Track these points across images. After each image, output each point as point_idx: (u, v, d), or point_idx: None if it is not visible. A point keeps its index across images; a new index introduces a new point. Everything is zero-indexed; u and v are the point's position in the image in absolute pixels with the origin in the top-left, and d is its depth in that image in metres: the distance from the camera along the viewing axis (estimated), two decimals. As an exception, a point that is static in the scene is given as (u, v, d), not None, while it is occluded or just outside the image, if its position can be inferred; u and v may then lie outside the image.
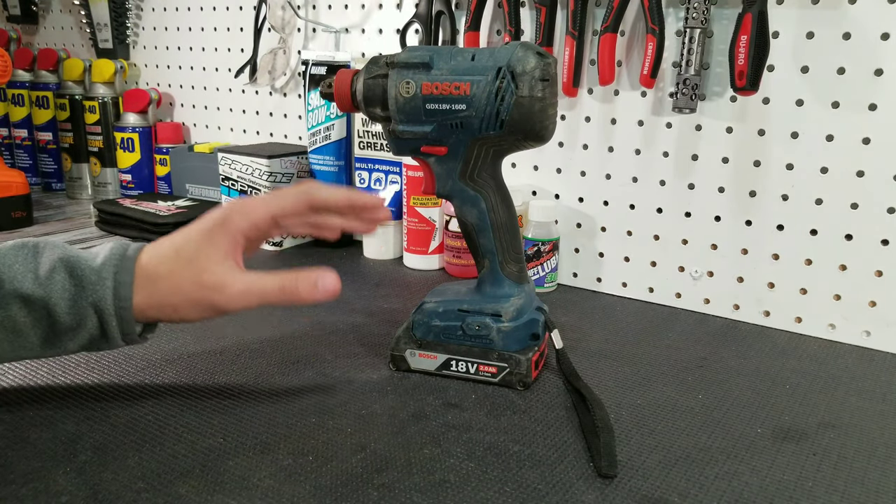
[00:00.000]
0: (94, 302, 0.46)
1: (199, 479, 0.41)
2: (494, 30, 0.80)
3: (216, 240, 0.47)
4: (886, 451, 0.46)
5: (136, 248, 0.48)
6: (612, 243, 0.77)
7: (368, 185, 0.89)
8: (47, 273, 0.45)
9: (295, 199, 0.50)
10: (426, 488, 0.41)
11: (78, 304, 0.46)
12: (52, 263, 0.46)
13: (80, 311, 0.46)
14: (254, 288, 0.47)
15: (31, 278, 0.45)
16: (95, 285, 0.46)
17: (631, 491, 0.41)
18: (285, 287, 0.47)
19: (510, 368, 0.53)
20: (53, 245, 0.48)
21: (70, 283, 0.46)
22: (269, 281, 0.47)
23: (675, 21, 0.68)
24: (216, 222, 0.48)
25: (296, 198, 0.50)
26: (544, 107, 0.50)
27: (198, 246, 0.47)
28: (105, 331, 0.46)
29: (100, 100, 1.13)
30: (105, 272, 0.46)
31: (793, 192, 0.65)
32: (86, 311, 0.46)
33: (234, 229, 0.48)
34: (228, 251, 0.47)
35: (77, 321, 0.46)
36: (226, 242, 0.47)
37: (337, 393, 0.52)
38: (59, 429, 0.46)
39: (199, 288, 0.46)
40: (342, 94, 0.54)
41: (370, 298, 0.74)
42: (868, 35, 0.59)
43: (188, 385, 0.53)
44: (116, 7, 1.15)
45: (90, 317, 0.46)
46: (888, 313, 0.62)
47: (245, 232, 0.48)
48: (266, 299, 0.47)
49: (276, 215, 0.49)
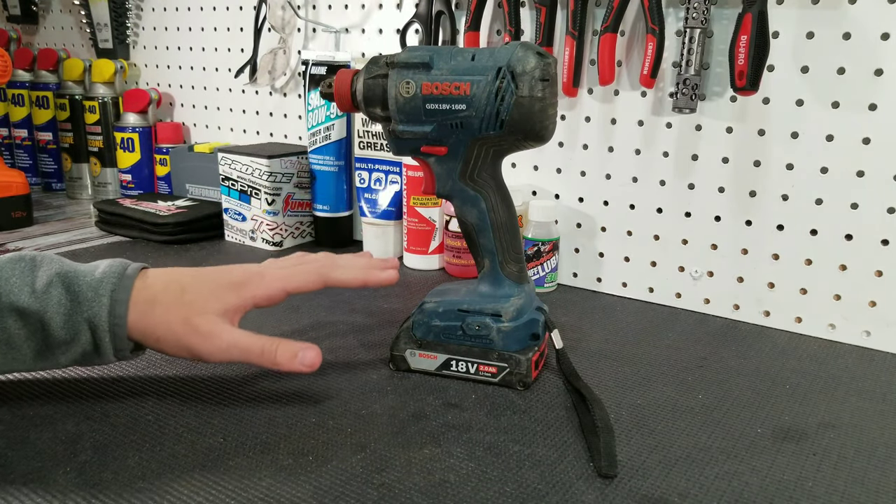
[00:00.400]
0: (89, 318, 0.46)
1: (199, 479, 0.41)
2: (494, 30, 0.80)
3: (224, 297, 0.49)
4: (886, 451, 0.46)
5: (137, 268, 0.49)
6: (612, 243, 0.77)
7: (368, 184, 0.90)
8: (44, 287, 0.46)
9: (313, 281, 0.52)
10: (426, 488, 0.41)
11: (73, 319, 0.46)
12: (50, 278, 0.46)
13: (74, 325, 0.46)
14: (238, 344, 0.48)
15: (27, 292, 0.45)
16: (91, 301, 0.46)
17: (631, 491, 0.41)
18: (266, 350, 0.48)
19: (510, 368, 0.53)
20: (51, 259, 0.48)
21: (66, 298, 0.46)
22: (253, 341, 0.48)
23: (675, 21, 0.68)
24: (233, 283, 0.50)
25: (315, 279, 0.52)
26: (544, 107, 0.50)
27: (204, 294, 0.49)
28: (98, 346, 0.47)
29: (100, 100, 1.13)
30: (102, 289, 0.46)
31: (793, 192, 0.65)
32: (80, 326, 0.46)
33: (247, 296, 0.50)
34: (229, 310, 0.49)
35: (71, 336, 0.46)
36: (232, 303, 0.49)
37: (337, 393, 0.52)
38: (59, 429, 0.46)
39: (188, 330, 0.47)
40: (342, 94, 0.54)
41: (370, 298, 0.74)
42: (868, 35, 0.59)
43: (188, 385, 0.53)
44: (116, 7, 1.15)
45: (84, 332, 0.46)
46: (888, 313, 0.62)
47: (257, 301, 0.50)
48: (247, 357, 0.48)
49: (290, 292, 0.51)
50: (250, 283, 0.50)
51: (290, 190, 0.91)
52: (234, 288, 0.50)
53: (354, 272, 0.54)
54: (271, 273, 0.52)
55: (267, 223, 0.90)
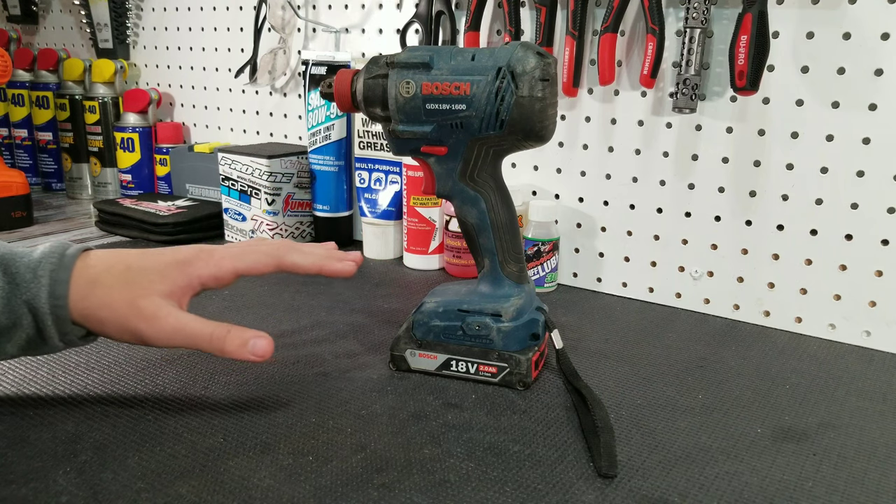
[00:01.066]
0: (28, 300, 0.44)
1: (199, 479, 0.41)
2: (494, 30, 0.80)
3: (170, 276, 0.47)
4: (886, 451, 0.46)
5: (78, 248, 0.47)
6: (612, 243, 0.77)
7: (368, 184, 0.89)
8: None
9: (265, 263, 0.49)
10: (426, 488, 0.41)
11: (12, 303, 0.44)
12: None
13: (14, 310, 0.44)
14: (185, 329, 0.45)
15: None
16: (30, 283, 0.44)
17: (631, 491, 0.41)
18: (214, 336, 0.45)
19: (510, 368, 0.53)
20: None
21: (3, 281, 0.44)
22: (201, 326, 0.45)
23: (675, 21, 0.68)
24: (179, 261, 0.47)
25: (266, 262, 0.49)
26: (544, 107, 0.50)
27: (149, 273, 0.46)
28: (41, 330, 0.45)
29: (100, 100, 1.13)
30: (41, 269, 0.45)
31: (793, 192, 0.65)
32: (20, 309, 0.44)
33: (193, 274, 0.47)
34: (175, 291, 0.46)
35: (12, 321, 0.45)
36: (179, 282, 0.47)
37: (337, 393, 0.52)
38: (59, 429, 0.46)
39: (132, 312, 0.45)
40: (342, 94, 0.54)
41: (370, 298, 0.74)
42: (868, 35, 0.59)
43: (188, 385, 0.53)
44: (116, 7, 1.15)
45: (25, 315, 0.45)
46: (888, 313, 0.62)
47: (204, 280, 0.48)
48: (194, 343, 0.45)
49: (241, 273, 0.49)
50: (197, 261, 0.47)
51: (290, 190, 0.91)
52: (181, 266, 0.47)
53: (311, 258, 0.51)
54: (221, 251, 0.49)
55: (267, 223, 0.91)
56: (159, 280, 0.46)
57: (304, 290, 0.75)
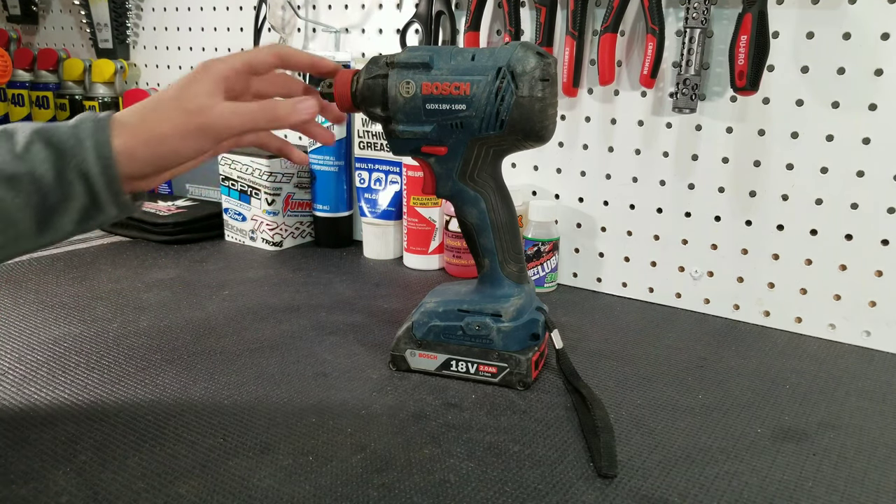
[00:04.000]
0: (77, 165, 0.45)
1: (199, 479, 0.41)
2: (494, 30, 0.80)
3: (200, 79, 0.48)
4: (886, 451, 0.46)
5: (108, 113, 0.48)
6: (612, 243, 0.77)
7: (368, 184, 0.89)
8: (24, 147, 0.44)
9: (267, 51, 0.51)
10: (426, 488, 0.41)
11: (62, 172, 0.44)
12: (28, 137, 0.45)
13: (65, 178, 0.45)
14: (240, 108, 0.48)
15: (9, 158, 0.44)
16: (75, 148, 0.45)
17: (631, 491, 0.41)
18: (266, 107, 0.49)
19: (510, 368, 0.53)
20: (24, 124, 0.47)
21: (50, 152, 0.44)
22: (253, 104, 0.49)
23: (675, 21, 0.68)
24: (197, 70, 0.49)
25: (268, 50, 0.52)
26: (544, 107, 0.50)
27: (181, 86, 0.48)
28: (94, 195, 0.45)
29: (100, 100, 1.13)
30: (83, 133, 0.45)
31: (793, 192, 0.65)
32: (72, 176, 0.45)
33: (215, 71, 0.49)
34: (213, 89, 0.48)
35: (65, 191, 0.45)
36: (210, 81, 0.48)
37: (337, 393, 0.52)
38: (59, 429, 0.46)
39: (186, 114, 0.47)
40: (342, 94, 0.54)
41: (370, 298, 0.74)
42: (868, 35, 0.59)
43: (188, 385, 0.53)
44: (116, 7, 1.15)
45: (76, 182, 0.45)
46: (888, 313, 0.62)
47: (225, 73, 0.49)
48: (253, 118, 0.48)
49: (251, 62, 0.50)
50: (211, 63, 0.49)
51: (290, 190, 0.91)
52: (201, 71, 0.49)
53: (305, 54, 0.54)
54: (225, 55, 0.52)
55: (267, 223, 0.91)
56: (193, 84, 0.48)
57: (304, 291, 0.75)
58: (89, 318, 0.65)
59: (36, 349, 0.59)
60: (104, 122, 0.46)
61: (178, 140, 0.47)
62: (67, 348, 0.59)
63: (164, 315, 0.67)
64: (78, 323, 0.64)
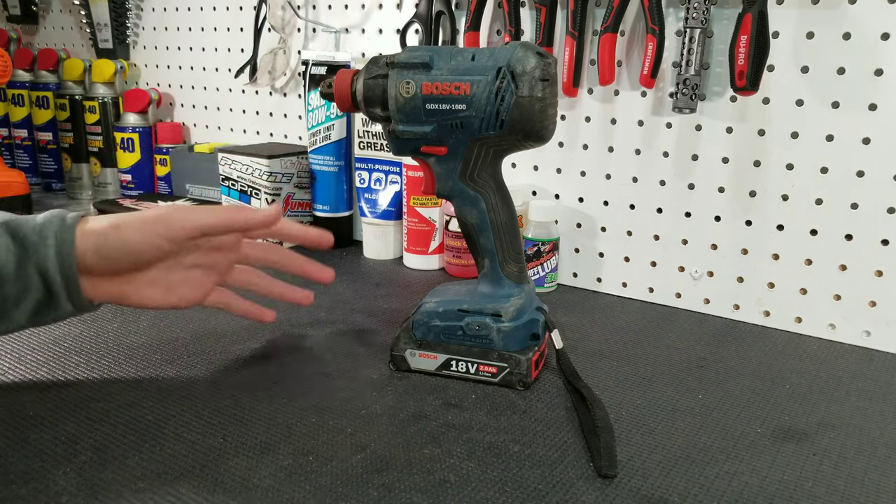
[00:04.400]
0: (37, 262, 0.45)
1: (199, 479, 0.41)
2: (494, 30, 0.80)
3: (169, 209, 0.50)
4: (886, 451, 0.46)
5: (76, 215, 0.48)
6: (612, 243, 0.77)
7: (368, 184, 0.89)
8: None
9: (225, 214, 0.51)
10: (426, 488, 0.41)
11: (22, 267, 0.45)
12: None
13: (25, 274, 0.45)
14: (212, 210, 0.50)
15: None
16: (37, 245, 0.45)
17: (631, 491, 0.41)
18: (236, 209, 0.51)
19: (510, 368, 0.53)
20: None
21: (13, 245, 0.45)
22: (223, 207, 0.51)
23: (675, 21, 0.68)
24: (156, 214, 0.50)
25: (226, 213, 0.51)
26: (544, 107, 0.50)
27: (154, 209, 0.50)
28: (51, 292, 0.46)
29: (100, 100, 1.13)
30: (46, 232, 0.46)
31: (793, 192, 0.65)
32: (31, 271, 0.45)
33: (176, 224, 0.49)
34: None
35: (23, 285, 0.45)
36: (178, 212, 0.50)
37: (337, 393, 0.52)
38: (59, 429, 0.46)
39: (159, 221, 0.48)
40: (342, 94, 0.54)
41: (370, 298, 0.74)
42: (868, 35, 0.59)
43: (188, 385, 0.53)
44: (116, 7, 1.15)
45: (34, 277, 0.45)
46: (888, 313, 0.62)
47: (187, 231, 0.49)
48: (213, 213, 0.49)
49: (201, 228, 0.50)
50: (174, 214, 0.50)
51: (290, 190, 0.91)
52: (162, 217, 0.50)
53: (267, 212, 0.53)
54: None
55: (267, 223, 0.90)
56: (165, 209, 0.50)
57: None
58: (89, 318, 0.65)
59: (36, 349, 0.59)
60: (72, 221, 0.47)
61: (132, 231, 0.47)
62: (67, 348, 0.59)
63: (164, 315, 0.67)
64: (78, 323, 0.64)
